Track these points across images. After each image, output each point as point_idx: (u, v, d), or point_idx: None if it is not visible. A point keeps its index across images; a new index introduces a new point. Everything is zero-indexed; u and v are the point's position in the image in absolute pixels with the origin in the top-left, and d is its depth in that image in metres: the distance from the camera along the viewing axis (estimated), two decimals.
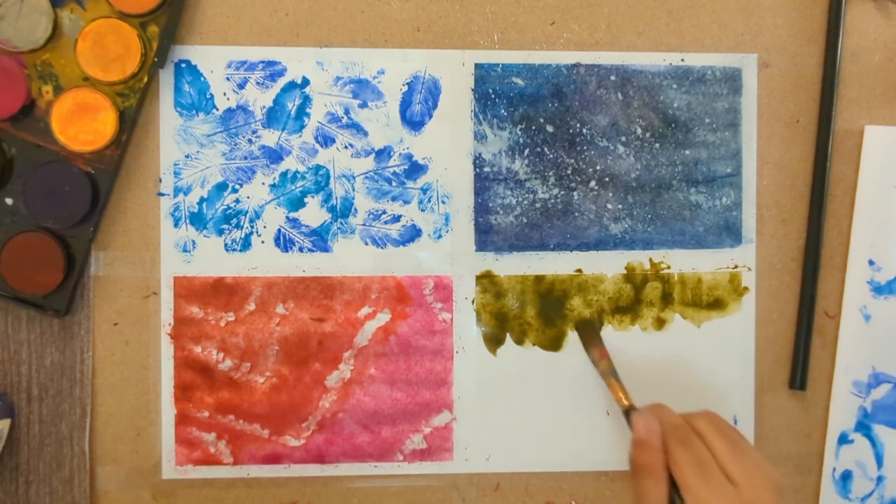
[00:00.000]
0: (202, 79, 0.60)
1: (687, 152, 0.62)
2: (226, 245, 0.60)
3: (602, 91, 0.62)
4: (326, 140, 0.60)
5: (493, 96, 0.61)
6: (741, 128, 0.62)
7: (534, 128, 0.61)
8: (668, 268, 0.62)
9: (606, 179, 0.62)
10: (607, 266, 0.62)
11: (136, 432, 0.60)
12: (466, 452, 0.61)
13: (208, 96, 0.60)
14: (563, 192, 0.62)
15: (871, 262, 0.63)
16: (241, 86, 0.60)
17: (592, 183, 0.62)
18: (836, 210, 0.63)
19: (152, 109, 0.60)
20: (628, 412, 0.53)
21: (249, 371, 0.60)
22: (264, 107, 0.60)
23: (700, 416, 0.49)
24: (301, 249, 0.60)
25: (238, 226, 0.60)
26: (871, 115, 0.63)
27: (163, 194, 0.60)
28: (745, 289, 0.62)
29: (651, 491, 0.46)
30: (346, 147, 0.61)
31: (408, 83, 0.61)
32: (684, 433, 0.47)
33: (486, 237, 0.61)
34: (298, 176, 0.60)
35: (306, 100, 0.60)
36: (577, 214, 0.62)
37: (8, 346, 0.59)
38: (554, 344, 0.62)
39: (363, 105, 0.61)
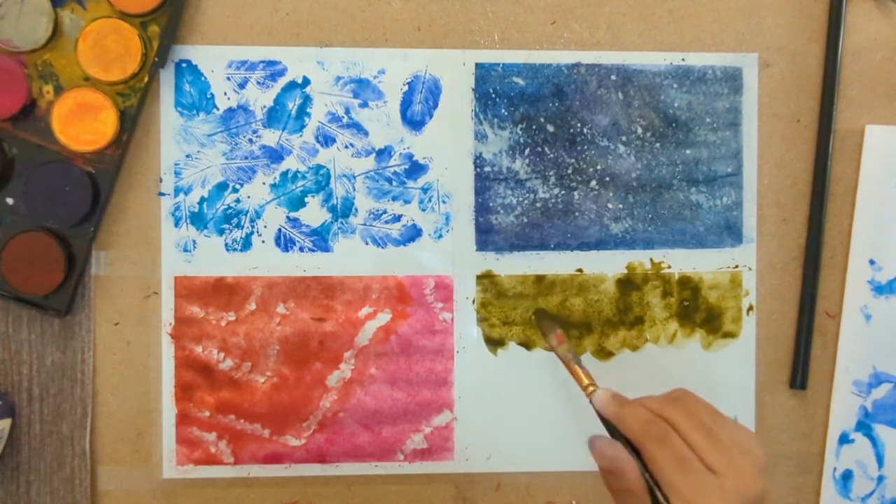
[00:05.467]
0: (203, 78, 0.60)
1: (687, 152, 0.62)
2: (226, 245, 0.60)
3: (603, 91, 0.62)
4: (327, 140, 0.60)
5: (493, 96, 0.61)
6: (742, 127, 0.62)
7: (534, 127, 0.61)
8: (669, 267, 0.62)
9: (607, 179, 0.62)
10: (608, 266, 0.62)
11: (137, 432, 0.60)
12: (467, 452, 0.61)
13: (209, 96, 0.60)
14: (563, 192, 0.62)
15: (871, 262, 0.63)
16: (242, 85, 0.60)
17: (593, 182, 0.62)
18: (837, 209, 0.63)
19: (153, 109, 0.60)
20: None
21: (250, 371, 0.60)
22: (265, 106, 0.60)
23: (671, 403, 0.47)
24: (302, 249, 0.60)
25: (239, 225, 0.60)
26: (871, 114, 0.63)
27: (163, 194, 0.60)
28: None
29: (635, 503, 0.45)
30: (346, 147, 0.61)
31: (408, 83, 0.61)
32: (659, 429, 0.45)
33: (487, 237, 0.61)
34: (299, 176, 0.60)
35: (307, 99, 0.60)
36: (577, 214, 0.62)
37: (9, 345, 0.59)
38: None
39: (364, 105, 0.60)
